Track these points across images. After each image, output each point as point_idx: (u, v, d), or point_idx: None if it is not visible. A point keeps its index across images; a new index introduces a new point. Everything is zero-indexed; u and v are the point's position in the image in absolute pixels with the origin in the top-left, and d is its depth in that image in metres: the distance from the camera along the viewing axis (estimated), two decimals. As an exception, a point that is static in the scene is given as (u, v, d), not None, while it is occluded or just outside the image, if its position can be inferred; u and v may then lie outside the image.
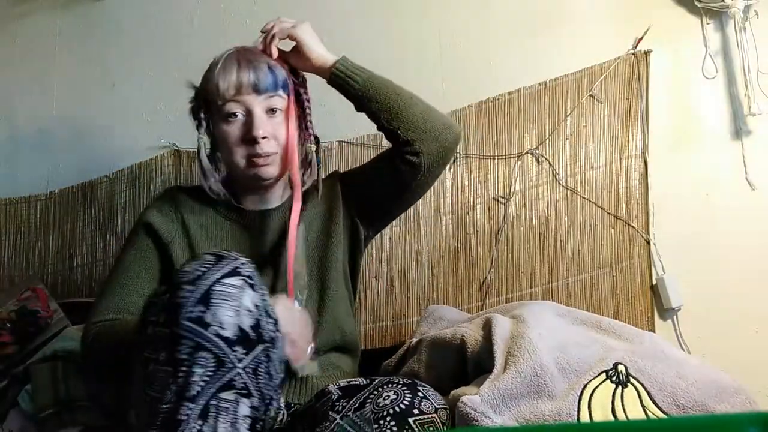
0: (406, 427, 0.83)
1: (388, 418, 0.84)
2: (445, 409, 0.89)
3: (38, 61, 1.94)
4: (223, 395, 0.82)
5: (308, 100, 1.24)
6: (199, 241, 1.20)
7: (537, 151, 1.75)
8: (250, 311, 0.86)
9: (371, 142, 1.76)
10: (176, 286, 0.84)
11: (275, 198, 1.25)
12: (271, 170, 1.16)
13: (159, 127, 1.85)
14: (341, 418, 0.87)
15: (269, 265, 1.20)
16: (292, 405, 1.11)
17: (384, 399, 0.86)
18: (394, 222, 1.72)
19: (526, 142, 1.76)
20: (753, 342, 1.65)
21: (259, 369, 0.86)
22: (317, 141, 1.26)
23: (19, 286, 1.73)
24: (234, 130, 1.14)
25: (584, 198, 1.73)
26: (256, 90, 1.13)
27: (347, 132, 1.76)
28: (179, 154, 1.82)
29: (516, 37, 1.80)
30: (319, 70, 1.20)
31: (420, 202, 1.74)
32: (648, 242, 1.70)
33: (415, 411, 0.85)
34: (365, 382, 0.94)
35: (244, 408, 0.84)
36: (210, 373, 0.81)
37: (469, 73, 1.80)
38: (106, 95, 1.90)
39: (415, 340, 1.31)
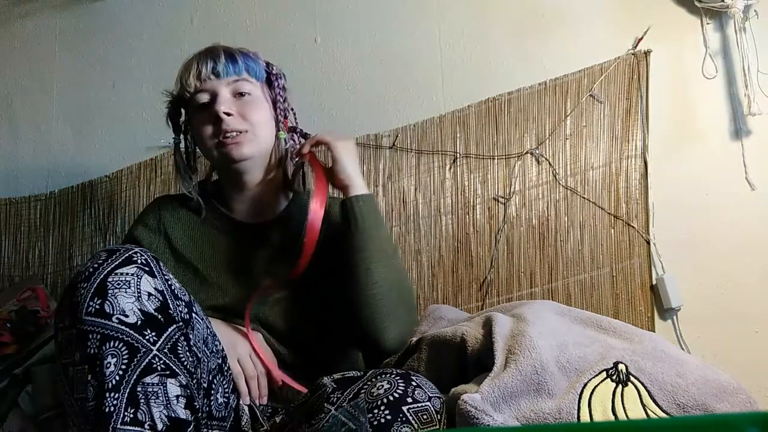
0: (400, 415, 0.83)
1: (382, 407, 0.84)
2: (438, 397, 0.89)
3: (38, 61, 1.94)
4: (147, 380, 0.83)
5: (282, 87, 1.23)
6: (185, 252, 1.19)
7: (537, 151, 1.75)
8: (151, 295, 0.87)
9: (371, 142, 1.77)
10: (73, 286, 0.86)
11: (269, 208, 1.23)
12: (242, 149, 1.15)
13: (159, 127, 1.84)
14: (336, 409, 0.87)
15: (263, 280, 1.17)
16: (281, 409, 1.10)
17: (378, 389, 0.87)
18: (394, 221, 1.72)
19: (526, 142, 1.76)
20: (753, 342, 1.65)
21: (178, 348, 0.87)
22: (303, 134, 1.25)
23: (19, 286, 1.73)
24: (203, 118, 1.16)
25: (584, 198, 1.73)
26: (216, 74, 1.15)
27: (347, 132, 1.76)
28: (179, 154, 1.82)
29: (516, 37, 1.80)
30: (341, 190, 1.17)
31: (420, 201, 1.75)
32: (648, 242, 1.70)
33: (409, 399, 0.85)
34: (359, 374, 0.95)
35: (174, 388, 0.85)
36: (126, 361, 0.82)
37: (469, 73, 1.80)
38: (106, 95, 1.90)
39: (414, 339, 1.31)
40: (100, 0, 1.93)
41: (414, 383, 0.88)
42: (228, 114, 1.13)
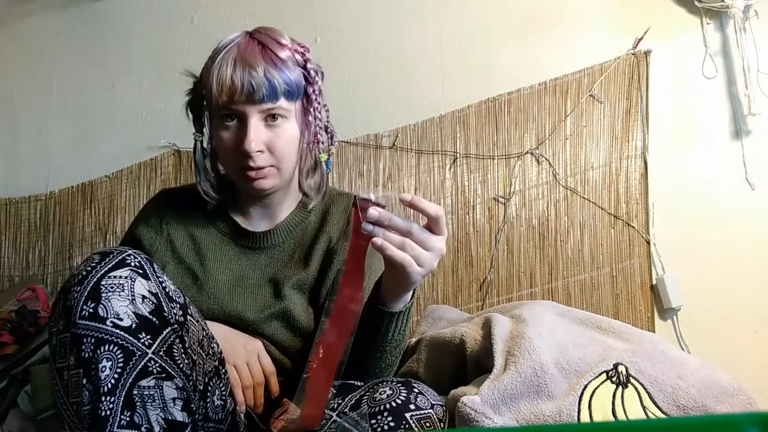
0: (404, 422, 0.83)
1: (385, 413, 0.84)
2: (441, 405, 0.89)
3: (38, 61, 1.94)
4: (143, 383, 0.82)
5: (319, 103, 1.09)
6: (186, 256, 1.12)
7: (537, 151, 1.75)
8: (145, 298, 0.86)
9: (371, 142, 1.76)
10: (66, 290, 0.85)
11: (277, 216, 1.15)
12: (266, 183, 1.05)
13: (159, 127, 1.85)
14: (338, 416, 0.87)
15: (270, 288, 1.12)
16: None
17: (380, 394, 0.87)
18: (394, 222, 1.72)
19: (526, 142, 1.75)
20: (753, 342, 1.65)
21: (174, 350, 0.87)
22: (332, 139, 1.13)
23: (19, 286, 1.73)
24: (227, 136, 1.03)
25: (584, 198, 1.73)
26: (250, 99, 0.99)
27: (347, 132, 1.76)
28: (179, 154, 1.82)
29: (516, 37, 1.80)
30: (385, 290, 0.98)
31: (420, 202, 1.75)
32: (648, 242, 1.70)
33: (412, 406, 0.85)
34: (359, 384, 0.94)
35: (170, 390, 0.85)
36: (121, 365, 0.82)
37: (469, 73, 1.80)
38: (106, 95, 1.90)
39: (414, 339, 1.31)
40: (100, 0, 1.93)
41: (416, 390, 0.88)
42: (258, 151, 1.02)
